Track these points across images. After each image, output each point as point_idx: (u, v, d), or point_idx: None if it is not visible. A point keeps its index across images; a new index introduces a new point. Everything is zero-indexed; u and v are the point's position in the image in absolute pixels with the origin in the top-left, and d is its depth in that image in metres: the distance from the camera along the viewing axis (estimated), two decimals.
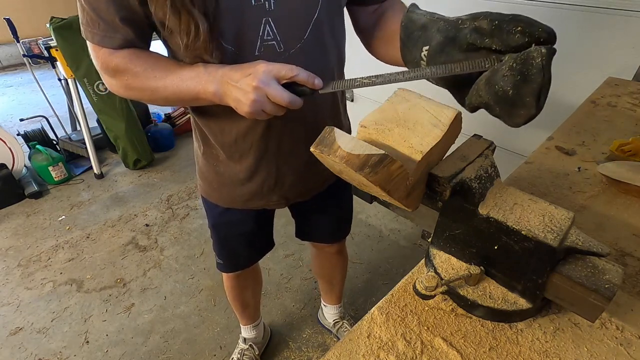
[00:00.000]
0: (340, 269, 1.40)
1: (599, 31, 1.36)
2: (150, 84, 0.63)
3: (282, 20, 0.62)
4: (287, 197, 0.90)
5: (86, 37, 0.63)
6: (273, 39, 0.63)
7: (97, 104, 2.50)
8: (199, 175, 0.93)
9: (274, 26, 0.62)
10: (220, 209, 0.95)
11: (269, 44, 0.64)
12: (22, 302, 1.78)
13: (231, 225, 1.00)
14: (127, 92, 0.67)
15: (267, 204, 0.91)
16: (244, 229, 1.00)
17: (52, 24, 2.20)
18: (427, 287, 0.45)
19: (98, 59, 0.64)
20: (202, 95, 0.61)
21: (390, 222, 2.16)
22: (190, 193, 2.50)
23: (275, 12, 0.61)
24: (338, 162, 0.39)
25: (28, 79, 4.50)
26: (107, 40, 0.61)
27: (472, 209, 0.46)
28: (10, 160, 2.45)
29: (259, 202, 0.89)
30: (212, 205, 0.95)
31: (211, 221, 1.01)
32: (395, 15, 0.69)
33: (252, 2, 0.59)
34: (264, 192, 0.86)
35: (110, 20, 0.59)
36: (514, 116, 0.44)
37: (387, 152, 0.38)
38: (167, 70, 0.62)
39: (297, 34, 0.65)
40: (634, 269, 0.54)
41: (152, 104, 0.69)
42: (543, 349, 0.44)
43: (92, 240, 2.13)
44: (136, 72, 0.63)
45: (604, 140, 0.87)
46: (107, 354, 1.54)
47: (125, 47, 0.63)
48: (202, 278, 1.87)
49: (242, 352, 1.46)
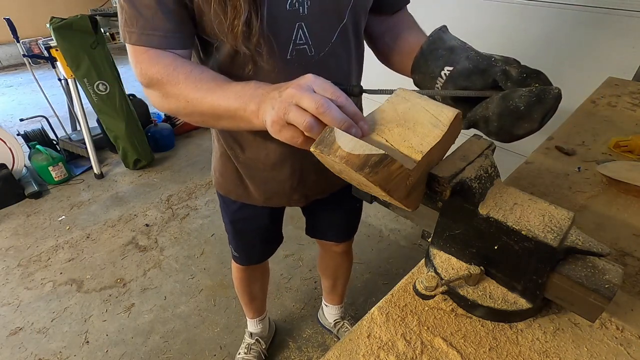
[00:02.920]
0: (345, 269, 1.41)
1: (599, 31, 1.36)
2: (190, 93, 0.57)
3: (314, 25, 0.63)
4: (307, 195, 0.91)
5: (124, 38, 0.59)
6: (305, 42, 0.64)
7: (97, 104, 2.50)
8: (217, 172, 0.93)
9: (306, 30, 0.63)
10: (237, 205, 0.96)
11: (301, 47, 0.65)
12: (22, 302, 1.78)
13: (247, 221, 1.02)
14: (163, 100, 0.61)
15: (288, 203, 0.92)
16: (259, 224, 1.02)
17: (52, 24, 2.20)
18: (427, 287, 0.45)
19: (139, 64, 0.59)
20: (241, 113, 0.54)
21: (390, 222, 2.16)
22: (190, 193, 2.50)
23: (308, 16, 0.62)
24: (338, 162, 0.39)
25: (28, 79, 4.50)
26: (146, 38, 0.57)
27: (472, 209, 0.46)
28: (10, 160, 2.45)
29: (280, 200, 0.90)
30: (230, 201, 0.96)
31: (228, 217, 1.02)
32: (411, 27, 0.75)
33: (286, 7, 0.60)
34: (286, 190, 0.86)
35: (150, 16, 0.56)
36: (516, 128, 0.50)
37: (387, 152, 0.38)
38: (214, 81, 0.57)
39: (326, 38, 0.66)
40: (634, 269, 0.54)
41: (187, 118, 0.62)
42: (543, 349, 0.44)
43: (92, 240, 2.13)
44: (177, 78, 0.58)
45: (604, 140, 0.87)
46: (107, 354, 1.54)
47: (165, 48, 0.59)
48: (202, 278, 1.87)
49: (248, 347, 1.47)
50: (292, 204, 0.93)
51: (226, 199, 0.97)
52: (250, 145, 0.79)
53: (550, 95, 0.48)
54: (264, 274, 1.35)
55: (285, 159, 0.80)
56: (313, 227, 1.18)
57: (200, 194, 2.49)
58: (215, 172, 0.94)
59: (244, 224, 1.03)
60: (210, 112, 0.57)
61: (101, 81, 2.42)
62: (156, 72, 0.58)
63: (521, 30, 1.56)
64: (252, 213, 0.98)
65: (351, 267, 1.43)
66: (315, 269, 1.89)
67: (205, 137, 3.20)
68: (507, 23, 1.59)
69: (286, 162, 0.80)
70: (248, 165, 0.84)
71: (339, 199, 1.01)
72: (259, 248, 1.13)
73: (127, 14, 0.57)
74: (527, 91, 0.48)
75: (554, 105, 0.49)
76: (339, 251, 1.29)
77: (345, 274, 1.44)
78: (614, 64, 1.35)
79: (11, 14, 3.01)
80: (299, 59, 0.65)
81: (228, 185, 0.92)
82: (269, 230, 1.07)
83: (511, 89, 0.50)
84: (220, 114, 0.56)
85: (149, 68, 0.58)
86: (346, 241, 1.24)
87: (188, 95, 0.57)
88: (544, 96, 0.48)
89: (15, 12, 4.73)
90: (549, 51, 1.50)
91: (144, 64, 0.59)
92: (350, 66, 0.75)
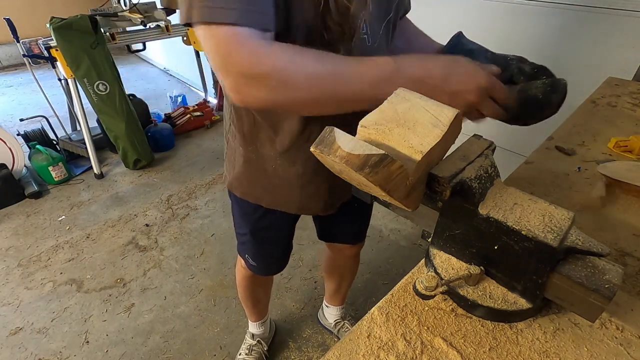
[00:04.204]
0: (351, 272, 1.40)
1: (599, 31, 1.36)
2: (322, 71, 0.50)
3: (372, 15, 0.66)
4: (333, 204, 0.88)
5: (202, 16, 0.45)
6: (365, 32, 0.66)
7: (97, 104, 2.50)
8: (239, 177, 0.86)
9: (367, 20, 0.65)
10: (260, 212, 0.91)
11: (362, 37, 0.66)
12: (22, 302, 1.78)
13: (270, 230, 0.97)
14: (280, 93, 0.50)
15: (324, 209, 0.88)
16: (282, 233, 1.01)
17: (52, 24, 2.20)
18: (427, 287, 0.45)
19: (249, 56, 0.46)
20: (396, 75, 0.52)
21: (390, 222, 2.16)
22: (190, 193, 2.50)
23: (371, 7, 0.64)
24: (338, 162, 0.39)
25: (28, 79, 4.50)
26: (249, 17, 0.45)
27: (472, 209, 0.46)
28: (10, 160, 2.45)
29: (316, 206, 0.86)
30: (251, 210, 0.91)
31: (249, 227, 0.96)
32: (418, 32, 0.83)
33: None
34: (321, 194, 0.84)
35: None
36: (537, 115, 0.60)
37: (387, 152, 0.38)
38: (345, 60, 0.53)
39: (377, 30, 0.69)
40: (634, 269, 0.54)
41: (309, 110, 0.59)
42: (543, 349, 0.44)
43: (92, 240, 2.13)
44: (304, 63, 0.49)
45: (604, 140, 0.87)
46: (107, 354, 1.54)
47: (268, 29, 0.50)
48: (202, 278, 1.87)
49: (250, 348, 1.47)
50: (327, 209, 0.88)
51: (246, 208, 0.92)
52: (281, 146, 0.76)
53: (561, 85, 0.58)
54: (269, 279, 1.33)
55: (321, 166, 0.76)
56: (327, 232, 1.16)
57: (200, 194, 2.49)
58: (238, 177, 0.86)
59: (267, 232, 0.98)
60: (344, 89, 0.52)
61: (101, 81, 2.42)
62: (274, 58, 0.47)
63: (521, 30, 1.56)
64: (275, 222, 0.95)
65: (357, 270, 1.42)
66: (316, 269, 1.89)
67: (205, 137, 3.20)
68: (507, 23, 1.59)
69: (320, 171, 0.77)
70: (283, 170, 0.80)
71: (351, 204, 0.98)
72: (278, 257, 1.10)
73: None
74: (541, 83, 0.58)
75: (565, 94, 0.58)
76: (351, 254, 1.28)
77: (351, 277, 1.44)
78: (614, 64, 1.35)
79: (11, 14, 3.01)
80: (359, 47, 0.66)
81: (251, 189, 0.86)
82: (288, 239, 1.06)
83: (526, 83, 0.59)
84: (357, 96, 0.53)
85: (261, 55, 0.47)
86: (359, 243, 1.23)
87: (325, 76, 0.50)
88: (557, 86, 0.57)
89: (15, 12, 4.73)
90: (549, 51, 1.50)
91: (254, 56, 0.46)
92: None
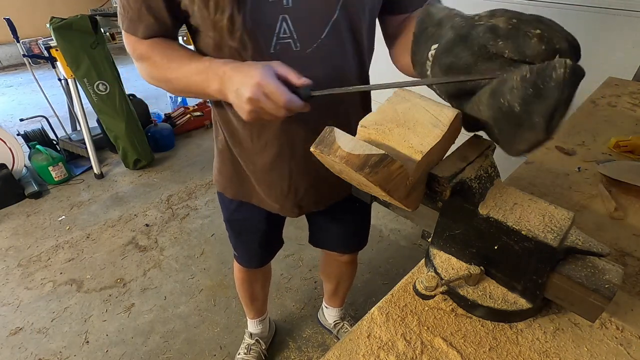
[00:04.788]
0: (348, 277, 1.38)
1: (599, 31, 1.36)
2: (167, 74, 0.66)
3: (300, 18, 0.62)
4: (300, 206, 0.88)
5: (119, 24, 0.68)
6: (289, 36, 0.63)
7: (97, 104, 2.50)
8: (217, 168, 0.93)
9: (290, 24, 0.62)
10: (234, 204, 0.96)
11: (285, 41, 0.63)
12: (22, 302, 1.78)
13: (245, 222, 1.01)
14: (151, 80, 0.70)
15: (281, 210, 0.89)
16: (257, 227, 1.01)
17: (52, 24, 2.20)
18: (427, 287, 0.45)
19: (128, 46, 0.69)
20: (207, 91, 0.62)
21: (390, 222, 2.16)
22: (190, 193, 2.50)
23: (293, 9, 0.61)
24: (338, 162, 0.39)
25: (28, 79, 4.50)
26: (132, 27, 0.66)
27: (472, 209, 0.46)
28: (10, 160, 2.45)
29: (275, 205, 0.88)
30: (227, 200, 0.96)
31: (226, 215, 1.02)
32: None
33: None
34: (277, 196, 0.85)
35: (137, 9, 0.63)
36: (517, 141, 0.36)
37: (387, 152, 0.38)
38: (181, 62, 0.65)
39: (314, 33, 0.64)
40: (634, 269, 0.54)
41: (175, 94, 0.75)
42: (543, 349, 0.44)
43: (92, 240, 2.13)
44: (155, 61, 0.67)
45: (604, 140, 0.87)
46: (107, 354, 1.54)
47: (150, 37, 0.67)
48: (202, 278, 1.87)
49: (248, 347, 1.47)
50: (284, 212, 0.90)
51: (224, 197, 0.96)
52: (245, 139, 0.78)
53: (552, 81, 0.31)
54: (265, 275, 1.34)
55: (274, 161, 0.78)
56: (315, 237, 1.16)
57: (200, 194, 2.49)
58: (215, 169, 0.94)
59: (241, 224, 1.02)
60: (186, 90, 0.66)
61: (101, 81, 2.42)
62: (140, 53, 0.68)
63: None
64: (249, 215, 0.97)
65: (355, 274, 1.40)
66: (316, 268, 1.89)
67: (205, 137, 3.20)
68: None
69: (275, 166, 0.79)
70: (245, 161, 0.83)
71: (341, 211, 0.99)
72: (257, 251, 1.12)
73: (122, 4, 0.65)
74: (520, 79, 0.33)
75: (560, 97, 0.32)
76: (343, 261, 1.26)
77: (349, 281, 1.42)
78: (614, 64, 1.35)
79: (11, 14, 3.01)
80: (283, 53, 0.63)
81: (225, 181, 0.92)
82: (267, 235, 1.05)
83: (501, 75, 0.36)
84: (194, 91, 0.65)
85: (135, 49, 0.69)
86: (351, 253, 1.21)
87: (167, 76, 0.67)
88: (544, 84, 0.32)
89: (15, 12, 4.73)
90: None
91: (132, 44, 0.69)
92: (346, 64, 0.71)
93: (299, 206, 0.88)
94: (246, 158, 0.82)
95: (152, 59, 0.67)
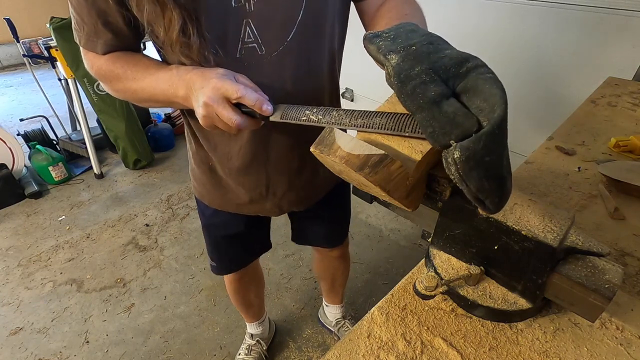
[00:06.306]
0: (342, 272, 1.39)
1: (599, 31, 1.36)
2: (131, 85, 0.63)
3: (263, 22, 0.61)
4: (280, 206, 0.87)
5: (75, 39, 0.65)
6: (254, 41, 0.62)
7: (97, 104, 2.50)
8: (192, 175, 0.92)
9: (254, 28, 0.61)
10: (211, 210, 0.94)
11: (250, 46, 0.62)
12: (22, 302, 1.78)
13: (221, 227, 0.98)
14: (116, 93, 0.68)
15: (261, 211, 0.89)
16: (234, 230, 0.99)
17: (52, 24, 2.20)
18: (427, 287, 0.45)
19: (86, 62, 0.66)
20: (174, 99, 0.59)
21: (390, 222, 2.16)
22: (190, 193, 2.50)
23: (256, 13, 0.59)
24: (338, 162, 0.39)
25: (28, 79, 4.50)
26: (91, 44, 0.63)
27: (472, 209, 0.46)
28: (10, 160, 2.45)
29: (252, 208, 0.88)
30: (204, 206, 0.95)
31: (203, 221, 1.00)
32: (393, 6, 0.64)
33: (232, 3, 0.58)
34: (255, 199, 0.84)
35: (93, 25, 0.60)
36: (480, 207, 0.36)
37: (387, 152, 0.38)
38: (145, 71, 0.62)
39: (279, 36, 0.63)
40: (634, 269, 0.54)
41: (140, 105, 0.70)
42: (543, 349, 0.44)
43: (92, 240, 2.13)
44: (117, 74, 0.63)
45: (604, 140, 0.87)
46: (107, 354, 1.54)
47: (109, 52, 0.64)
48: (202, 278, 1.87)
49: (249, 348, 1.47)
50: (265, 213, 0.90)
51: (202, 204, 0.95)
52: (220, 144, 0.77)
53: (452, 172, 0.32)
54: (258, 281, 1.32)
55: (250, 164, 0.77)
56: (297, 235, 1.16)
57: None
58: (191, 175, 0.92)
59: (218, 230, 0.99)
60: (152, 99, 0.63)
61: None
62: (98, 68, 0.65)
63: (521, 30, 1.56)
64: (227, 219, 0.96)
65: (349, 268, 1.41)
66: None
67: None
68: (507, 23, 1.59)
69: (251, 169, 0.78)
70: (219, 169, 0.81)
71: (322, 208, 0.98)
72: (235, 257, 1.09)
73: (76, 20, 0.62)
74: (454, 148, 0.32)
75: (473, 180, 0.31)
76: (334, 256, 1.27)
77: (343, 276, 1.42)
78: (614, 64, 1.35)
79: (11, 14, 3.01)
80: (249, 58, 0.62)
81: (200, 189, 0.90)
82: (247, 238, 1.03)
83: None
84: (160, 100, 0.62)
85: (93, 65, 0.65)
86: (338, 246, 1.21)
87: (131, 87, 0.63)
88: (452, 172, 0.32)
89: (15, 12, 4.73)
90: (549, 51, 1.50)
91: (91, 60, 0.65)
92: (316, 67, 0.70)
93: (279, 207, 0.87)
94: (222, 162, 0.80)
95: (114, 72, 0.63)
